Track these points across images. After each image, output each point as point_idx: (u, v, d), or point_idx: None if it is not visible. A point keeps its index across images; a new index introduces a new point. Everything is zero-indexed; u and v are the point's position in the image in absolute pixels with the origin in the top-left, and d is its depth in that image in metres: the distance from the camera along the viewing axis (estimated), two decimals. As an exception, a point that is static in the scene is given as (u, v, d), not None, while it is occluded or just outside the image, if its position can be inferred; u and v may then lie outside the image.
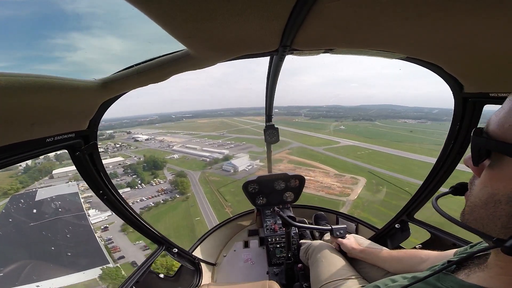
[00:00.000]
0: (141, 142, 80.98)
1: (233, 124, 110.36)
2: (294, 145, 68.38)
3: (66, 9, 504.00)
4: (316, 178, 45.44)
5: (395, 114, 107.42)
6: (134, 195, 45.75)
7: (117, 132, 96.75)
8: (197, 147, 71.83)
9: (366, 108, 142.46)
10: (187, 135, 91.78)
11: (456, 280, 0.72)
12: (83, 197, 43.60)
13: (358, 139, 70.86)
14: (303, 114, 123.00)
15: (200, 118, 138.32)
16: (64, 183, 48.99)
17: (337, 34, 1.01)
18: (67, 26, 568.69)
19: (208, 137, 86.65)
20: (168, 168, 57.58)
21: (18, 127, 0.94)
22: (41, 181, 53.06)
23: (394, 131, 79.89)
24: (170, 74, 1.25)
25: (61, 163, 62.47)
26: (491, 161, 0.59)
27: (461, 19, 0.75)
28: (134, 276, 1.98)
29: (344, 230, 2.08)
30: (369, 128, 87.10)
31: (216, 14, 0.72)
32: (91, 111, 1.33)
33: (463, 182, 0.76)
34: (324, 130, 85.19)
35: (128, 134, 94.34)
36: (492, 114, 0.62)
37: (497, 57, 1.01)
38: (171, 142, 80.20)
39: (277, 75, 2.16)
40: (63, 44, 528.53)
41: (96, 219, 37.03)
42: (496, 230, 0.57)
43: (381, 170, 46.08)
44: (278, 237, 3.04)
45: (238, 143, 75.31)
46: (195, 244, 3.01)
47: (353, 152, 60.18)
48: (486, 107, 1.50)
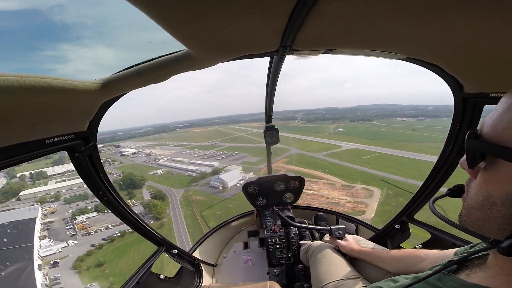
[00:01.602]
0: (127, 156, 73.38)
1: (227, 133, 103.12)
2: (292, 152, 59.87)
3: (55, 19, 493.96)
4: (321, 192, 36.69)
5: (392, 113, 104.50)
6: (100, 221, 37.85)
7: (106, 146, 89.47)
8: (185, 160, 63.85)
9: (361, 108, 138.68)
10: (178, 147, 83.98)
11: (457, 280, 0.71)
12: (43, 222, 37.40)
13: (360, 141, 63.83)
14: (298, 118, 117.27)
15: (194, 128, 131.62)
16: (28, 206, 42.43)
17: (337, 34, 1.00)
18: (57, 37, 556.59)
19: (199, 148, 78.58)
20: (148, 186, 48.71)
21: (18, 128, 0.92)
22: (6, 203, 45.71)
23: (396, 130, 73.91)
24: (170, 74, 1.22)
25: (34, 183, 54.39)
26: (486, 164, 0.58)
27: (461, 19, 0.74)
28: (135, 277, 1.92)
29: (343, 231, 2.07)
30: (369, 128, 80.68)
31: (217, 14, 0.70)
32: (91, 112, 1.29)
33: (460, 184, 0.75)
34: (323, 133, 77.12)
35: (116, 148, 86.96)
36: (487, 116, 0.61)
37: (497, 57, 1.00)
38: (158, 155, 72.45)
39: (277, 76, 2.14)
40: (53, 56, 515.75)
41: (47, 252, 31.24)
42: (492, 231, 0.57)
43: (395, 177, 38.47)
44: (278, 238, 2.96)
45: (230, 153, 66.99)
46: (195, 245, 2.96)
47: (358, 157, 52.28)
48: (486, 107, 1.47)
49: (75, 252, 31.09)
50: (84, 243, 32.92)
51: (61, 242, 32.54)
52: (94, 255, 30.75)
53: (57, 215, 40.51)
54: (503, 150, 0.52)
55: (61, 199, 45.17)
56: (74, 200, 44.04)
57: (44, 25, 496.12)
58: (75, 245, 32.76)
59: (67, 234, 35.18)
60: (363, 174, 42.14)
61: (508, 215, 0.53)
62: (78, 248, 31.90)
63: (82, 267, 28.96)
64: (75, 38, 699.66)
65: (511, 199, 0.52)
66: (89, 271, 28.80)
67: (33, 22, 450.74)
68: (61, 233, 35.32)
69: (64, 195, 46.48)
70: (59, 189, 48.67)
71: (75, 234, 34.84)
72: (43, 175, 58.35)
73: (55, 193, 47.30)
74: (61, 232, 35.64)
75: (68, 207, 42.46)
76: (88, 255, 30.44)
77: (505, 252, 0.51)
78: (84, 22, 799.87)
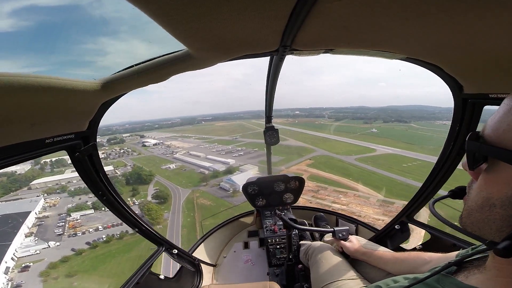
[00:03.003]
0: (148, 147, 70.54)
1: (250, 127, 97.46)
2: (318, 153, 51.56)
3: (94, 14, 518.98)
4: (351, 208, 28.48)
5: (430, 115, 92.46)
6: (93, 220, 33.98)
7: (132, 135, 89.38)
8: (201, 154, 58.92)
9: (395, 108, 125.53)
10: (198, 140, 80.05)
11: (456, 281, 0.70)
12: (38, 217, 34.66)
13: (397, 145, 54.17)
14: (326, 116, 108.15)
15: (219, 121, 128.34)
16: (31, 197, 40.11)
17: (337, 34, 0.99)
18: (96, 31, 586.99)
19: (218, 142, 73.54)
20: (156, 182, 43.88)
21: (18, 127, 0.91)
22: (16, 192, 43.77)
23: (438, 134, 61.88)
24: (170, 74, 1.20)
25: (53, 171, 52.78)
26: (488, 166, 0.57)
27: (461, 20, 0.73)
28: (134, 277, 1.89)
29: (347, 232, 2.00)
30: (407, 131, 69.72)
31: (216, 13, 0.69)
32: (91, 112, 1.28)
33: (462, 186, 0.74)
34: (354, 133, 67.04)
35: (141, 138, 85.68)
36: (489, 117, 0.60)
37: (497, 58, 0.99)
38: (177, 147, 68.69)
39: (277, 76, 2.11)
40: (94, 49, 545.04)
41: (25, 252, 27.99)
42: (491, 233, 0.56)
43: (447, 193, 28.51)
44: (278, 238, 2.90)
45: (249, 150, 60.71)
46: (195, 245, 2.90)
47: (397, 164, 43.03)
48: (486, 107, 1.46)
49: (52, 255, 27.38)
50: (66, 246, 29.29)
51: (44, 243, 29.11)
52: (70, 262, 26.72)
53: (57, 209, 37.80)
54: (504, 152, 0.51)
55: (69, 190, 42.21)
56: (79, 193, 41.03)
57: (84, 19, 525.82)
58: (56, 247, 29.11)
59: (54, 232, 31.84)
60: (404, 187, 33.13)
61: (506, 217, 0.52)
62: (58, 252, 28.16)
63: (50, 276, 25.05)
64: (113, 32, 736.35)
65: (510, 201, 0.51)
66: (56, 281, 24.69)
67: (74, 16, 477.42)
68: (49, 231, 32.11)
69: (73, 186, 43.76)
70: (71, 180, 46.11)
71: (61, 234, 31.46)
72: (63, 162, 56.60)
73: (65, 183, 44.92)
74: (50, 230, 32.48)
75: (70, 200, 39.69)
76: (63, 262, 26.45)
77: (501, 254, 0.51)
78: (120, 17, 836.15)
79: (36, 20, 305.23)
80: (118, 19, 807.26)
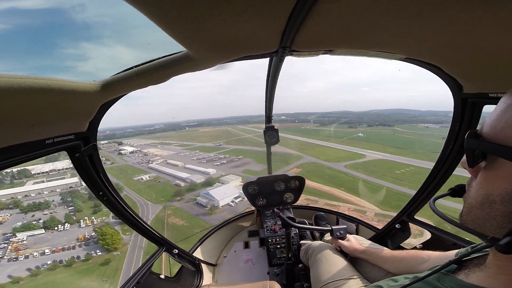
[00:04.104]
0: (123, 155, 63.93)
1: (235, 133, 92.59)
2: (305, 161, 47.18)
3: (76, 18, 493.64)
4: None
5: (411, 118, 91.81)
6: (40, 242, 28.34)
7: (110, 142, 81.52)
8: (180, 163, 53.22)
9: (377, 113, 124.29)
10: (179, 147, 73.89)
11: (456, 280, 0.69)
12: None
13: (387, 149, 50.99)
14: (312, 121, 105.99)
15: (204, 127, 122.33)
16: None
17: (336, 35, 0.98)
18: (78, 35, 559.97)
19: (200, 149, 67.72)
20: (124, 196, 37.62)
21: (18, 128, 0.91)
22: None
23: (424, 138, 61.30)
24: (170, 76, 1.19)
25: (12, 183, 45.30)
26: (487, 163, 0.57)
27: (460, 20, 0.72)
28: (135, 277, 1.87)
29: (344, 231, 1.99)
30: (394, 135, 67.26)
31: (216, 15, 0.69)
32: (90, 113, 1.27)
33: (461, 184, 0.73)
34: (340, 138, 63.67)
35: (118, 145, 78.35)
36: (487, 116, 0.60)
37: (496, 58, 0.99)
38: (154, 155, 62.52)
39: (277, 77, 2.11)
40: (75, 54, 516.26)
41: None
42: (492, 230, 0.56)
43: (448, 202, 24.76)
44: (279, 238, 2.86)
45: (232, 158, 55.64)
46: (196, 244, 2.84)
47: (389, 171, 39.62)
48: (485, 107, 1.45)
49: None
50: (2, 271, 24.15)
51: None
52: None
53: (3, 227, 31.60)
54: (503, 149, 0.51)
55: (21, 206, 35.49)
56: (32, 208, 34.68)
57: (66, 23, 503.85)
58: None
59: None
60: (402, 197, 29.33)
61: (507, 214, 0.52)
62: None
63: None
64: (96, 37, 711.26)
65: (510, 198, 0.51)
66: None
67: (56, 20, 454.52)
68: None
69: (29, 200, 37.08)
70: (28, 193, 39.38)
71: (0, 258, 25.96)
72: (26, 173, 49.28)
73: (21, 197, 38.12)
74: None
75: (22, 218, 33.45)
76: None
77: (503, 250, 0.50)
78: (104, 21, 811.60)
79: (15, 23, 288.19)
80: (100, 24, 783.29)
